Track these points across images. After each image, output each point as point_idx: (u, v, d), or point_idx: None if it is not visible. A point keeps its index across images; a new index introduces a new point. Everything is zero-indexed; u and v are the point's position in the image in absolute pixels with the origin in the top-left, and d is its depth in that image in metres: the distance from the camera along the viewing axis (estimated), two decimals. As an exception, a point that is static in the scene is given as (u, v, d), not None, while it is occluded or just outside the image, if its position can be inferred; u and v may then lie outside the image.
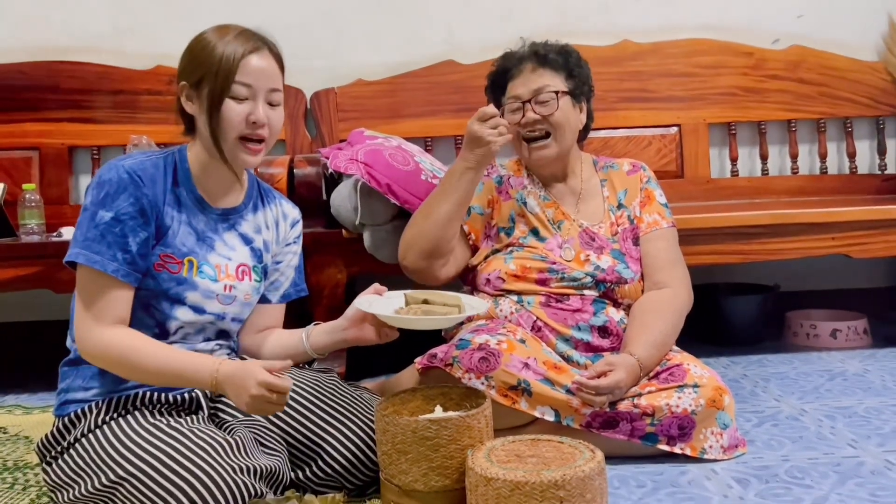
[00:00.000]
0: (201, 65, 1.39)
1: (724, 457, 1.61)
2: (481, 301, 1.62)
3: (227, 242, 1.50)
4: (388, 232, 2.14)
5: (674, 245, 1.87)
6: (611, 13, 2.91)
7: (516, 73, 1.84)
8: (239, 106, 1.39)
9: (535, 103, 1.80)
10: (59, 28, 2.83)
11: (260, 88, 1.40)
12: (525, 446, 1.34)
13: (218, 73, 1.37)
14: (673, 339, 1.76)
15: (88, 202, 1.37)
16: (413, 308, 1.49)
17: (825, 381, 2.18)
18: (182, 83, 1.42)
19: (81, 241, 1.36)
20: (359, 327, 1.52)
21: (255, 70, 1.39)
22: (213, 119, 1.39)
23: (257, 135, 1.42)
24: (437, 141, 2.86)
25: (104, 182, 1.37)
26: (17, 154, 2.78)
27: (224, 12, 2.65)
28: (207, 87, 1.38)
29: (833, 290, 2.92)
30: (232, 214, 1.52)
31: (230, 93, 1.38)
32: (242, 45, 1.39)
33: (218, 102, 1.38)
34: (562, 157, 1.86)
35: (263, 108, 1.41)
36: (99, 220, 1.35)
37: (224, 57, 1.37)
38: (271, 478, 1.34)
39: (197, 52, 1.41)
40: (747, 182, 2.89)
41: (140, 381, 1.38)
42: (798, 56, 2.88)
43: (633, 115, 2.87)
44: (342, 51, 2.88)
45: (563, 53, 1.85)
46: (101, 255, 1.34)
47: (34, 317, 2.83)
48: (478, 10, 2.89)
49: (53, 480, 1.38)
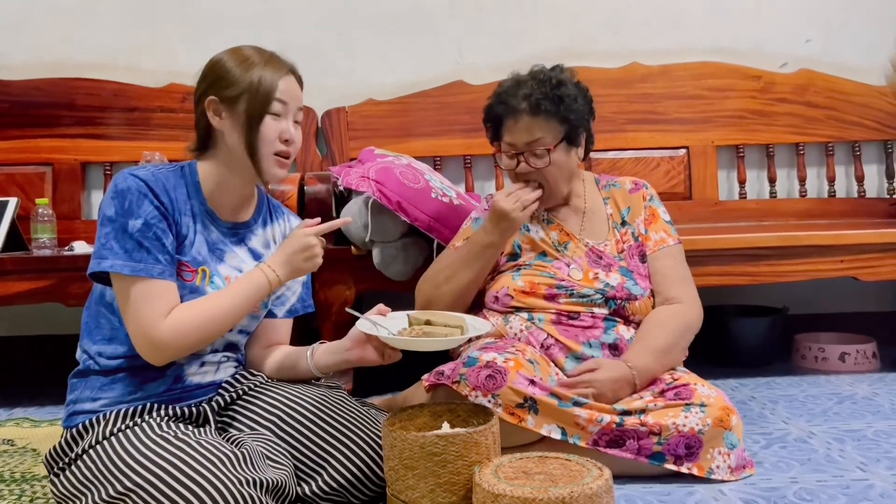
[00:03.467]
0: (238, 81, 1.44)
1: (731, 477, 1.60)
2: (485, 322, 1.62)
3: (237, 255, 1.52)
4: (398, 249, 2.15)
5: (681, 262, 1.88)
6: (620, 35, 2.94)
7: (510, 121, 1.83)
8: (275, 123, 1.45)
9: (528, 155, 1.81)
10: (77, 45, 2.87)
11: (291, 107, 1.48)
12: (533, 463, 1.34)
13: (259, 90, 1.43)
14: (678, 350, 1.77)
15: (112, 214, 1.38)
16: (415, 329, 1.50)
17: (834, 404, 2.17)
18: (211, 98, 1.45)
19: (121, 252, 1.36)
20: (362, 348, 1.53)
21: (288, 90, 1.47)
22: (251, 134, 1.44)
23: (287, 152, 1.48)
24: (446, 160, 2.88)
25: (124, 191, 1.38)
26: (30, 169, 2.82)
27: (239, 31, 2.72)
28: (246, 104, 1.43)
29: (841, 314, 2.92)
30: (242, 229, 1.54)
31: (270, 109, 1.44)
32: (279, 67, 1.47)
33: (259, 118, 1.44)
34: (555, 199, 1.88)
35: (292, 126, 1.47)
36: (132, 230, 1.36)
37: (263, 77, 1.44)
38: (277, 491, 1.33)
39: (232, 68, 1.45)
40: (755, 204, 2.89)
41: (226, 330, 1.46)
42: (806, 80, 2.90)
43: (642, 136, 2.89)
44: (354, 70, 2.92)
45: (555, 101, 1.80)
46: (144, 263, 1.36)
47: (44, 331, 2.84)
48: (488, 32, 2.92)
49: (61, 491, 1.39)
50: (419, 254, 2.19)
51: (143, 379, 1.43)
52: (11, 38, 2.87)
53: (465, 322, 1.53)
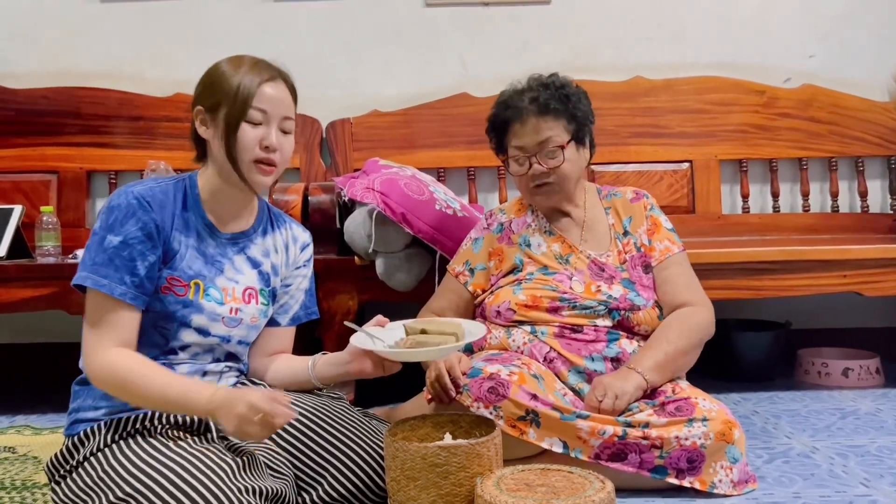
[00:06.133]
0: (219, 91, 1.43)
1: (734, 492, 1.60)
2: (480, 325, 1.62)
3: (235, 265, 1.52)
4: (401, 259, 2.15)
5: (688, 268, 1.89)
6: (623, 49, 2.95)
7: (518, 124, 1.83)
8: (253, 130, 1.43)
9: (540, 156, 1.82)
10: (83, 55, 2.89)
11: (274, 115, 1.45)
12: (535, 475, 1.33)
13: (236, 98, 1.41)
14: (685, 344, 1.75)
15: (98, 227, 1.40)
16: (409, 339, 1.50)
17: (837, 420, 2.16)
18: (197, 108, 1.46)
19: (90, 265, 1.38)
20: (360, 361, 1.53)
21: (270, 98, 1.44)
22: (229, 141, 1.42)
23: (269, 159, 1.45)
24: (450, 172, 2.89)
25: (113, 207, 1.40)
26: (35, 177, 2.83)
27: (243, 42, 2.73)
28: (224, 112, 1.42)
29: (845, 329, 2.91)
30: (241, 238, 1.54)
31: (246, 117, 1.42)
32: (259, 74, 1.44)
33: (235, 126, 1.42)
34: (566, 197, 1.89)
35: (276, 134, 1.45)
36: (107, 245, 1.37)
37: (242, 83, 1.42)
38: (277, 500, 1.33)
39: (214, 79, 1.45)
40: (758, 219, 2.89)
41: (141, 406, 1.38)
42: (809, 95, 2.90)
43: (645, 150, 2.89)
44: (358, 82, 2.93)
45: (563, 99, 1.83)
46: (108, 279, 1.36)
47: (47, 338, 2.84)
48: (492, 45, 2.94)
49: (62, 499, 1.39)
50: (422, 264, 2.19)
51: None
52: (18, 48, 2.89)
53: (460, 328, 1.53)
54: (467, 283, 1.93)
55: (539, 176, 1.83)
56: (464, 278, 1.94)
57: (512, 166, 1.87)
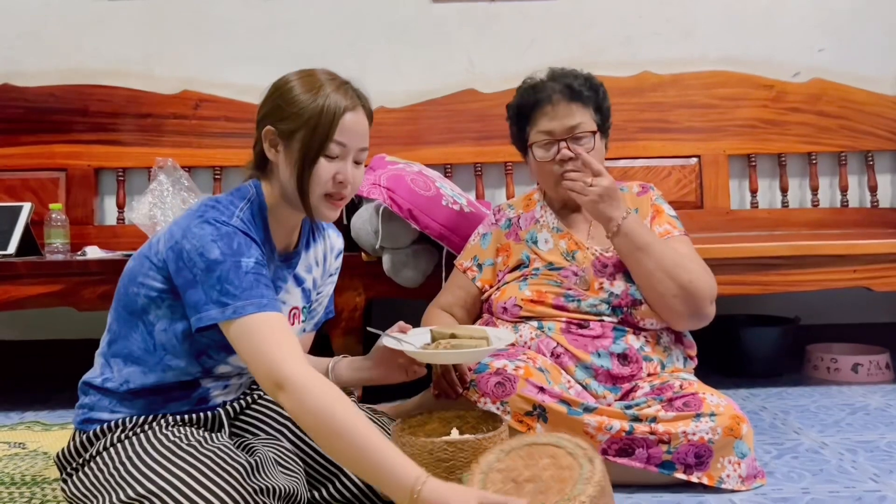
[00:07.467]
0: (295, 117, 1.33)
1: (742, 487, 1.59)
2: (508, 332, 1.61)
3: (286, 287, 1.47)
4: (408, 255, 2.15)
5: (691, 248, 1.84)
6: (632, 45, 2.94)
7: (547, 107, 1.82)
8: (330, 164, 1.35)
9: (570, 141, 1.80)
10: (90, 53, 2.90)
11: (351, 148, 1.36)
12: (521, 461, 1.27)
13: (316, 130, 1.32)
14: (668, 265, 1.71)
15: (218, 255, 1.26)
16: (442, 343, 1.49)
17: (846, 415, 2.15)
18: (268, 128, 1.37)
19: (239, 293, 1.25)
20: (387, 366, 1.51)
21: (350, 130, 1.35)
22: (302, 175, 1.34)
23: (340, 194, 1.37)
24: (456, 168, 2.89)
25: (227, 234, 1.29)
26: (44, 175, 2.84)
27: (251, 40, 2.74)
28: (301, 142, 1.33)
29: (854, 324, 2.89)
30: (293, 258, 1.49)
31: (326, 152, 1.34)
32: (339, 101, 1.35)
33: (313, 160, 1.33)
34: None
35: (351, 167, 1.37)
36: (246, 268, 1.27)
37: (324, 113, 1.32)
38: (289, 499, 1.33)
39: (289, 100, 1.35)
40: (767, 214, 2.88)
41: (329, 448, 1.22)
42: (818, 89, 2.89)
43: (654, 145, 2.88)
44: (365, 79, 2.85)
45: (593, 88, 1.84)
46: (267, 298, 1.27)
47: (56, 335, 2.86)
48: (499, 41, 2.93)
49: (73, 493, 1.39)
50: (429, 260, 2.19)
51: (167, 399, 1.41)
52: (27, 46, 2.90)
53: (487, 334, 1.53)
54: (475, 278, 1.93)
55: (567, 161, 1.80)
56: (472, 273, 1.94)
57: (537, 152, 1.84)
